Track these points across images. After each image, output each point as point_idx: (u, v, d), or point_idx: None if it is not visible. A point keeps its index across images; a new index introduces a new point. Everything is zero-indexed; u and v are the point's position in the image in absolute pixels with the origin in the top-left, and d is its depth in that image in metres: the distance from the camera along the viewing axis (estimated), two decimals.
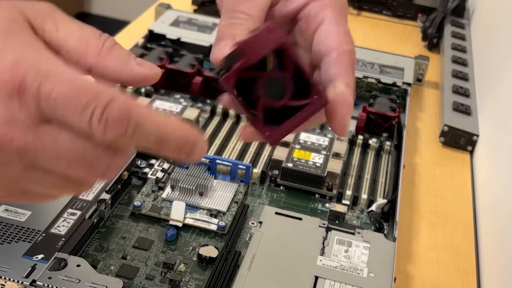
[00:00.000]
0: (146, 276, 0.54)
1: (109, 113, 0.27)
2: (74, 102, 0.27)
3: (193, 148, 0.31)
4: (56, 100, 0.27)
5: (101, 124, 0.27)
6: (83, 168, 0.29)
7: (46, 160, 0.28)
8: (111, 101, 0.27)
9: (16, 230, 0.53)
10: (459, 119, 0.87)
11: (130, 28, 1.07)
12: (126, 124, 0.28)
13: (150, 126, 0.29)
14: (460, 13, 1.24)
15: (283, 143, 0.73)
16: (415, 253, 0.66)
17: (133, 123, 0.28)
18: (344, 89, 0.38)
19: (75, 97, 0.27)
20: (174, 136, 0.30)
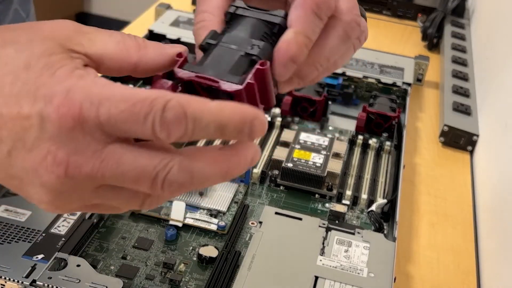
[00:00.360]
0: (146, 276, 0.54)
1: (167, 117, 0.28)
2: (133, 116, 0.28)
3: (253, 126, 0.30)
4: (116, 120, 0.28)
5: (164, 130, 0.28)
6: (147, 183, 0.30)
7: (114, 180, 0.30)
8: (165, 105, 0.28)
9: (16, 230, 0.53)
10: (459, 119, 0.87)
11: (130, 28, 1.07)
12: (184, 122, 0.29)
13: (207, 117, 0.29)
14: (460, 13, 1.24)
15: (283, 143, 0.73)
16: (415, 253, 0.66)
17: (190, 120, 0.29)
18: (290, 37, 0.35)
19: (133, 112, 0.28)
20: (231, 119, 0.30)
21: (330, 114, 0.84)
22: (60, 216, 0.56)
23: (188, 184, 0.30)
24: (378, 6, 1.28)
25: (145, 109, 0.28)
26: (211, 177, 0.31)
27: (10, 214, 0.55)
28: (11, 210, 0.55)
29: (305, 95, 0.81)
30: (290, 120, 0.81)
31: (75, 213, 0.56)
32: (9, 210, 0.55)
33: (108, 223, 0.60)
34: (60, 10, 2.62)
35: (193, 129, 0.29)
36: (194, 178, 0.30)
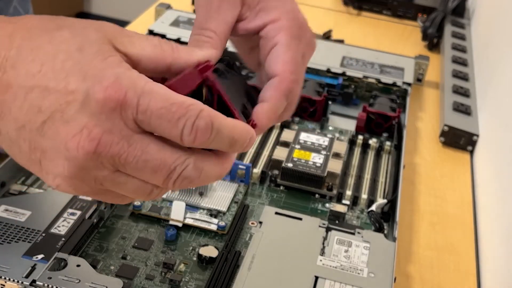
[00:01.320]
0: (146, 276, 0.54)
1: (199, 124, 0.32)
2: (169, 115, 0.31)
3: (250, 143, 0.35)
4: (152, 113, 0.31)
5: (192, 134, 0.32)
6: (163, 174, 0.33)
7: (133, 166, 0.32)
8: (199, 113, 0.32)
9: (16, 230, 0.53)
10: (459, 119, 0.87)
11: (130, 28, 1.07)
12: (210, 132, 0.32)
13: (226, 131, 0.33)
14: (460, 13, 1.24)
15: (283, 143, 0.73)
16: (415, 253, 0.66)
17: (215, 131, 0.32)
18: (265, 111, 0.39)
19: (170, 111, 0.31)
20: (241, 136, 0.34)
21: (330, 114, 0.84)
22: (60, 216, 0.56)
23: (196, 181, 0.33)
24: (378, 6, 1.28)
25: (181, 111, 0.31)
26: (212, 177, 0.35)
27: (10, 214, 0.55)
28: (11, 210, 0.55)
29: (305, 95, 0.81)
30: (290, 120, 0.81)
31: (75, 213, 0.56)
32: (9, 210, 0.55)
33: (108, 223, 0.60)
34: (60, 10, 2.62)
35: (214, 139, 0.33)
36: (201, 176, 0.34)
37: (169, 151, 0.33)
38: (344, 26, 0.88)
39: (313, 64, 0.91)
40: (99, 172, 0.33)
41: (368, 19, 1.27)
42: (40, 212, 0.56)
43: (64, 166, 0.32)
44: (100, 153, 0.31)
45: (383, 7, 1.28)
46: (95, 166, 0.32)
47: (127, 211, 0.62)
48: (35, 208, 0.56)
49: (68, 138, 0.31)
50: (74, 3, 2.75)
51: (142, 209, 0.62)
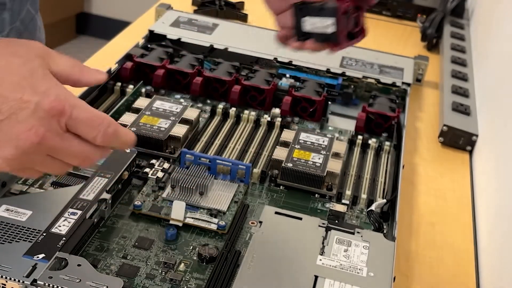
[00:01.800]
0: (146, 276, 0.55)
1: (108, 132, 0.46)
2: (91, 123, 0.46)
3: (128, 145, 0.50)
4: (80, 121, 0.45)
5: (103, 138, 0.46)
6: (80, 159, 0.47)
7: (61, 153, 0.46)
8: (109, 125, 0.46)
9: (17, 230, 0.53)
10: (459, 119, 0.87)
11: (131, 28, 1.08)
12: (115, 137, 0.47)
13: (122, 137, 0.48)
14: (460, 14, 1.24)
15: (283, 143, 0.73)
16: (415, 253, 0.66)
17: (116, 136, 0.47)
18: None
19: (92, 121, 0.46)
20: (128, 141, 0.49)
21: (330, 114, 0.84)
22: (61, 215, 0.56)
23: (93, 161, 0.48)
24: (378, 6, 1.28)
25: (99, 122, 0.46)
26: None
27: (11, 214, 0.55)
28: (12, 210, 0.56)
29: (305, 95, 0.82)
30: (290, 120, 0.81)
31: (75, 213, 0.56)
32: (10, 210, 0.56)
33: (109, 222, 0.60)
34: (61, 11, 2.62)
35: (115, 141, 0.47)
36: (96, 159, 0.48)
37: (85, 145, 0.47)
38: None
39: (313, 65, 0.91)
40: (35, 156, 0.45)
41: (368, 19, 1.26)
42: (40, 212, 0.56)
43: (10, 152, 0.44)
44: (41, 144, 0.44)
45: (382, 7, 1.28)
46: (35, 151, 0.45)
47: (127, 211, 0.62)
48: (36, 208, 0.56)
49: (19, 132, 0.44)
50: (74, 4, 2.75)
51: (142, 208, 0.62)
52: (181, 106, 0.77)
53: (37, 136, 0.44)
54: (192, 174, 0.65)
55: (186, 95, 0.84)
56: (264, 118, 0.80)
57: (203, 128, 0.77)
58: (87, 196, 0.59)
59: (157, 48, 0.90)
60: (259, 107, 0.83)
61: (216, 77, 0.83)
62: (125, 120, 0.73)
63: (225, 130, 0.77)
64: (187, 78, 0.84)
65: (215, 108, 0.81)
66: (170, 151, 0.71)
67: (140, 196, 0.64)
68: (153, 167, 0.68)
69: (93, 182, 0.61)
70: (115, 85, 0.83)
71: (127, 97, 0.79)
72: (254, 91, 0.83)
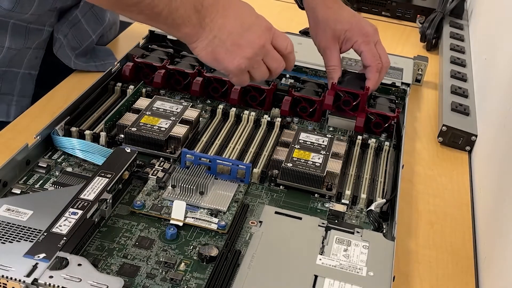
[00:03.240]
0: (147, 275, 0.55)
1: (291, 43, 0.72)
2: (284, 36, 0.72)
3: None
4: (277, 35, 0.71)
5: (290, 48, 0.72)
6: (276, 64, 0.72)
7: (269, 57, 0.71)
8: (290, 42, 0.72)
9: (18, 229, 0.54)
10: (458, 119, 0.87)
11: (131, 28, 1.08)
12: (292, 49, 0.73)
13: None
14: (459, 14, 1.24)
15: (283, 143, 0.74)
16: (414, 252, 0.66)
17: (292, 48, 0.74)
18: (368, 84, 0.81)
19: (284, 36, 0.72)
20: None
21: (329, 114, 0.84)
22: (61, 215, 0.56)
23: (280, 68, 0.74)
24: (377, 7, 1.29)
25: (288, 41, 0.72)
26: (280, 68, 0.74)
27: (11, 213, 0.55)
28: (13, 210, 0.56)
29: (305, 96, 0.82)
30: (290, 120, 0.81)
31: (76, 213, 0.57)
32: (10, 210, 0.56)
33: (109, 222, 0.60)
34: None
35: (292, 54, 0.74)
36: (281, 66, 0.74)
37: (278, 54, 0.72)
38: None
39: (313, 65, 0.91)
40: (257, 58, 0.70)
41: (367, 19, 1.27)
42: (41, 212, 0.56)
43: (247, 51, 0.68)
44: (263, 47, 0.69)
45: (382, 8, 1.29)
46: (258, 54, 0.69)
47: (128, 211, 0.62)
48: (37, 207, 0.56)
49: (254, 38, 0.69)
50: None
51: (143, 208, 0.62)
52: (181, 106, 0.77)
53: (263, 41, 0.69)
54: (192, 174, 0.65)
55: (186, 95, 0.84)
56: (264, 118, 0.80)
57: (203, 128, 0.77)
58: (88, 196, 0.59)
59: (157, 49, 0.90)
60: (259, 107, 0.83)
61: (216, 77, 0.84)
62: (126, 120, 0.73)
63: (225, 130, 0.77)
64: (187, 79, 0.85)
65: (215, 108, 0.81)
66: (170, 151, 0.71)
67: (141, 196, 0.64)
68: (154, 167, 0.68)
69: (93, 182, 0.61)
70: (115, 86, 0.83)
71: (128, 97, 0.79)
72: (254, 91, 0.83)
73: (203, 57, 0.69)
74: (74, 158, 0.69)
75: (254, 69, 0.70)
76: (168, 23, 0.66)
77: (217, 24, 0.67)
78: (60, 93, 0.86)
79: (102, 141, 0.71)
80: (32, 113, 0.81)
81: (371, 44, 0.82)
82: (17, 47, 0.83)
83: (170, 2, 0.64)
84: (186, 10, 0.65)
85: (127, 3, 0.63)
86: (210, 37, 0.67)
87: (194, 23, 0.66)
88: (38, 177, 0.65)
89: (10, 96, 0.87)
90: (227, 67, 0.69)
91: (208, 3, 0.67)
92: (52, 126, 0.70)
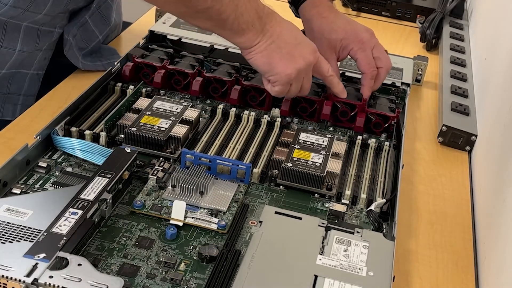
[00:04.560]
0: (147, 275, 0.55)
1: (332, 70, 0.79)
2: (325, 62, 0.78)
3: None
4: (321, 63, 0.77)
5: (330, 73, 0.78)
6: (308, 85, 0.77)
7: (307, 77, 0.75)
8: (330, 68, 0.78)
9: (18, 229, 0.54)
10: (458, 119, 0.87)
11: (131, 28, 1.08)
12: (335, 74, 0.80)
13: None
14: (459, 14, 1.24)
15: (283, 143, 0.74)
16: (414, 252, 0.66)
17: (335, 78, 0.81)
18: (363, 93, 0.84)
19: (327, 68, 0.78)
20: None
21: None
22: (61, 215, 0.56)
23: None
24: (377, 7, 1.29)
25: (328, 66, 0.78)
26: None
27: (12, 213, 0.55)
28: (13, 210, 0.56)
29: (305, 96, 0.82)
30: (289, 120, 0.81)
31: (76, 213, 0.57)
32: (11, 210, 0.56)
33: (109, 222, 0.61)
34: None
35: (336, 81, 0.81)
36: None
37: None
38: None
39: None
40: (301, 74, 0.74)
41: (367, 20, 1.27)
42: (41, 212, 0.56)
43: (300, 63, 0.73)
44: (312, 64, 0.75)
45: (382, 8, 1.29)
46: (304, 70, 0.74)
47: (128, 211, 0.62)
48: (37, 207, 0.57)
49: (307, 54, 0.74)
50: None
51: (143, 208, 0.62)
52: (181, 106, 0.77)
53: (312, 58, 0.74)
54: (192, 174, 0.65)
55: (186, 95, 0.84)
56: (264, 118, 0.80)
57: (203, 128, 0.77)
58: (88, 196, 0.59)
59: (157, 49, 0.90)
60: (259, 107, 0.83)
61: (216, 78, 0.84)
62: (126, 120, 0.73)
63: (225, 130, 0.78)
64: (187, 79, 0.85)
65: (215, 108, 0.81)
66: (170, 151, 0.71)
67: (141, 196, 0.64)
68: (154, 167, 0.68)
69: (93, 182, 0.61)
70: (115, 86, 0.83)
71: (128, 97, 0.79)
72: (254, 91, 0.83)
73: (257, 60, 0.73)
74: (74, 158, 0.69)
75: (297, 83, 0.74)
76: (234, 28, 0.70)
77: (276, 31, 0.72)
78: (60, 93, 0.86)
79: (102, 141, 0.71)
80: (32, 113, 0.81)
81: (367, 51, 0.83)
82: (28, 49, 0.84)
83: (237, 8, 0.68)
84: (250, 16, 0.70)
85: (197, 9, 0.67)
86: (269, 42, 0.72)
87: (257, 28, 0.71)
88: (38, 177, 0.65)
89: (17, 96, 0.88)
90: (279, 73, 0.73)
91: (267, 11, 0.72)
92: (52, 126, 0.70)
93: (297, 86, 0.75)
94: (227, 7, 0.68)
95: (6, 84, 0.86)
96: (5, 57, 0.83)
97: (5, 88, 0.86)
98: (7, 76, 0.85)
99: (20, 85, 0.87)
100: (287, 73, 0.73)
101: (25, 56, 0.84)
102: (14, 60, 0.83)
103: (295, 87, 0.75)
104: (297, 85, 0.75)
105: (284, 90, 0.75)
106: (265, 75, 0.75)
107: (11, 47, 0.82)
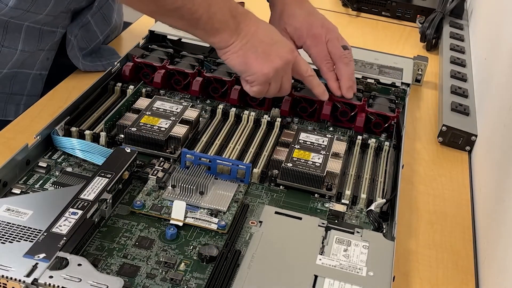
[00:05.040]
0: (147, 275, 0.55)
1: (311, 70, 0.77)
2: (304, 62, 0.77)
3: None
4: (299, 63, 0.75)
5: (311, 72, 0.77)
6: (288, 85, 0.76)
7: (286, 76, 0.74)
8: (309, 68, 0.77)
9: (18, 229, 0.54)
10: (458, 119, 0.87)
11: (131, 28, 1.08)
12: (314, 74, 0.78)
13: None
14: (459, 14, 1.24)
15: (283, 143, 0.74)
16: (414, 252, 0.66)
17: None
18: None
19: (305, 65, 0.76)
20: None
21: None
22: (61, 215, 0.56)
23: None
24: (377, 7, 1.29)
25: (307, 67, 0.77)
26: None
27: (11, 213, 0.55)
28: (13, 210, 0.56)
29: (305, 96, 0.82)
30: (289, 120, 0.81)
31: (76, 213, 0.57)
32: (10, 210, 0.56)
33: (109, 222, 0.61)
34: None
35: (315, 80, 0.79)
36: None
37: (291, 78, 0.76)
38: (343, 27, 0.88)
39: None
40: (280, 73, 0.73)
41: (367, 20, 1.27)
42: (41, 212, 0.56)
43: (277, 62, 0.72)
44: (289, 63, 0.73)
45: (382, 8, 1.29)
46: (282, 69, 0.73)
47: (128, 211, 0.62)
48: (37, 207, 0.57)
49: (283, 52, 0.73)
50: None
51: (143, 208, 0.62)
52: (181, 106, 0.77)
53: (290, 57, 0.73)
54: (192, 174, 0.65)
55: (186, 95, 0.84)
56: (264, 118, 0.80)
57: (203, 128, 0.77)
58: (88, 196, 0.59)
59: (157, 49, 0.90)
60: (259, 107, 0.83)
61: (216, 78, 0.84)
62: (126, 120, 0.73)
63: (225, 130, 0.77)
64: (187, 79, 0.85)
65: (215, 108, 0.81)
66: (170, 151, 0.71)
67: (141, 196, 0.64)
68: (154, 167, 0.68)
69: (93, 182, 0.61)
70: (115, 86, 0.83)
71: (128, 97, 0.79)
72: None
73: (232, 60, 0.72)
74: (74, 158, 0.69)
75: (275, 82, 0.73)
76: (207, 28, 0.69)
77: (251, 30, 0.71)
78: (60, 93, 0.86)
79: (102, 141, 0.71)
80: (32, 113, 0.81)
81: (319, 46, 0.81)
82: (30, 49, 0.84)
83: (209, 7, 0.67)
84: (223, 15, 0.69)
85: (167, 8, 0.66)
86: (244, 42, 0.71)
87: (231, 28, 0.70)
88: (38, 177, 0.65)
89: (19, 96, 0.88)
90: (256, 72, 0.72)
91: (242, 11, 0.71)
92: (52, 126, 0.70)
93: (276, 85, 0.74)
94: (199, 7, 0.67)
95: (9, 84, 0.86)
96: (6, 57, 0.83)
97: (7, 88, 0.86)
98: (9, 76, 0.85)
99: (23, 85, 0.87)
100: (264, 73, 0.72)
101: (27, 56, 0.84)
102: (16, 60, 0.83)
103: (274, 87, 0.74)
104: (276, 85, 0.74)
105: (262, 90, 0.74)
106: (242, 76, 0.74)
107: (12, 47, 0.82)
